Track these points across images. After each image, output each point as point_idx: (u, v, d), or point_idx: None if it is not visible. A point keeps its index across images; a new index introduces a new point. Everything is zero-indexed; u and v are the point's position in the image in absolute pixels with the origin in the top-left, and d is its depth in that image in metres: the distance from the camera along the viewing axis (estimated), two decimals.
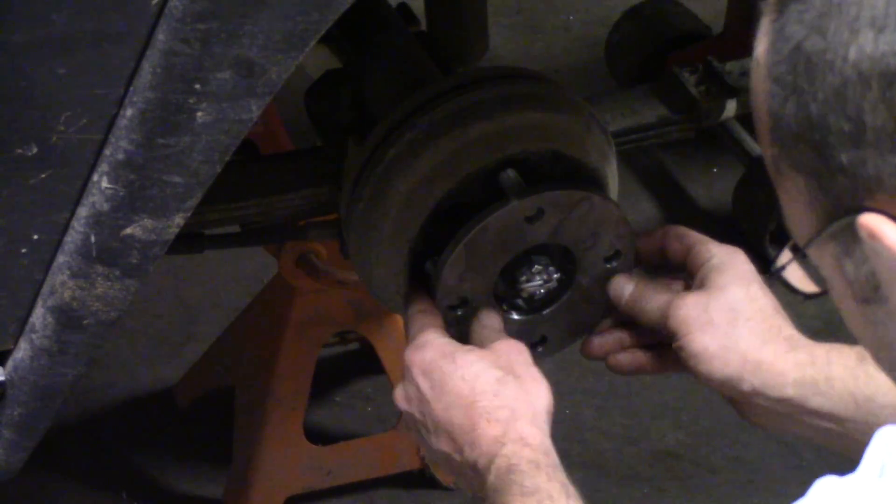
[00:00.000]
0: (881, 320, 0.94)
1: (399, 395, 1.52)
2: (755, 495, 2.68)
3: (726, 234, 1.54)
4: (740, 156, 2.97)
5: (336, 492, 2.61)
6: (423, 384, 1.48)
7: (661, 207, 3.23)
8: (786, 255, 1.00)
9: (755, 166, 2.88)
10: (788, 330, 1.52)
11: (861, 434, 1.42)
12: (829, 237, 0.93)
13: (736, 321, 1.51)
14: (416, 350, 1.51)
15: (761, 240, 2.82)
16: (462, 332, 1.64)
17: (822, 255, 0.95)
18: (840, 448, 1.48)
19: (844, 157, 0.88)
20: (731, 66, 2.62)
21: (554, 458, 1.41)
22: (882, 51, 0.85)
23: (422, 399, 1.48)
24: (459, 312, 1.62)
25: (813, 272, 0.99)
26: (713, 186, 3.26)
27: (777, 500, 2.67)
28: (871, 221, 0.88)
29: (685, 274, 1.60)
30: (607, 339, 1.65)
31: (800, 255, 0.97)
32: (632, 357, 1.64)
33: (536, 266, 1.63)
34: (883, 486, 0.93)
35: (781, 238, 2.82)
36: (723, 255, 1.56)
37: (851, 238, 0.91)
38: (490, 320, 1.59)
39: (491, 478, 1.37)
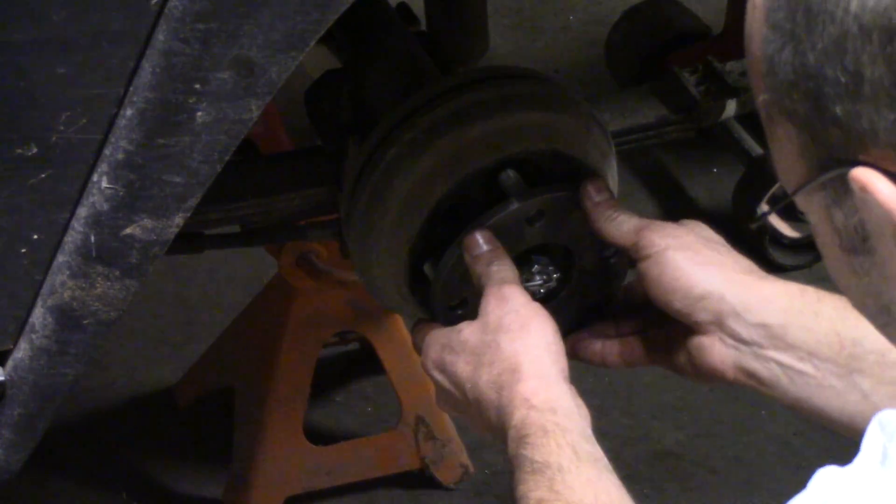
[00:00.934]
0: (867, 270, 0.93)
1: (436, 402, 1.51)
2: (755, 495, 2.69)
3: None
4: (740, 156, 2.97)
5: (336, 492, 2.62)
6: (444, 382, 1.46)
7: (661, 207, 3.23)
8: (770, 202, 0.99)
9: (755, 166, 2.88)
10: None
11: (836, 379, 1.38)
12: (819, 186, 0.92)
13: (717, 248, 1.46)
14: (423, 355, 1.50)
15: (761, 240, 2.82)
16: None
17: (811, 202, 0.94)
18: (797, 398, 1.41)
19: (839, 109, 0.87)
20: (731, 66, 2.62)
21: (562, 413, 1.35)
22: (885, 4, 0.83)
23: (449, 397, 1.47)
24: (460, 312, 1.62)
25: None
26: (713, 186, 3.26)
27: (777, 500, 2.67)
28: (863, 175, 0.87)
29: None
30: (581, 332, 1.62)
31: (785, 201, 0.96)
32: (602, 346, 1.60)
33: (536, 266, 1.63)
34: (886, 475, 0.92)
35: (781, 238, 2.83)
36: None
37: (842, 189, 0.90)
38: (501, 273, 1.51)
39: (510, 451, 1.34)
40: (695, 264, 1.44)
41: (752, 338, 1.42)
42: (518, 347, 1.41)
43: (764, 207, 0.94)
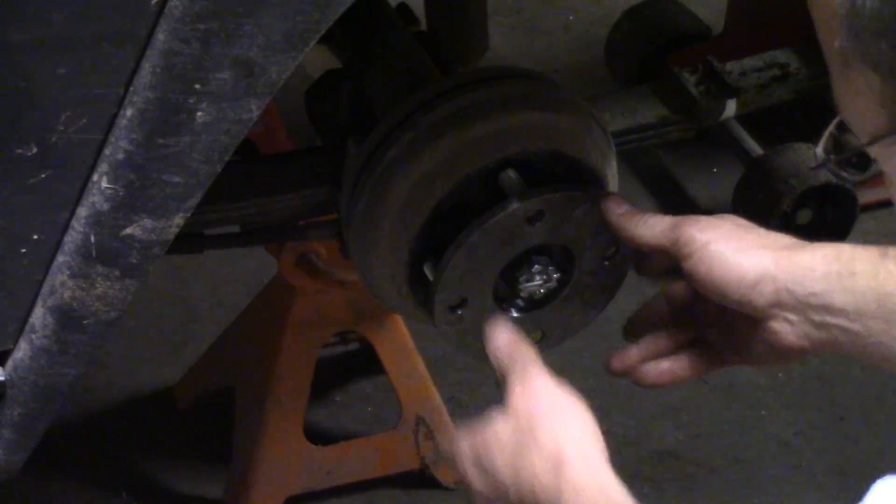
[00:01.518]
0: None
1: (474, 499, 1.42)
2: (755, 495, 2.69)
3: None
4: (740, 156, 2.97)
5: (336, 492, 2.61)
6: (485, 489, 1.39)
7: (661, 207, 3.22)
8: (826, 143, 0.95)
9: (755, 166, 2.88)
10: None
11: (882, 334, 1.36)
12: None
13: (754, 231, 1.44)
14: (459, 464, 1.41)
15: None
16: (462, 330, 1.64)
17: (889, 153, 0.90)
18: (864, 354, 1.39)
19: None
20: (731, 66, 2.63)
21: (614, 493, 1.31)
22: None
23: (490, 496, 1.39)
24: (460, 312, 1.62)
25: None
26: (713, 186, 3.26)
27: (777, 500, 2.67)
28: None
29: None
30: (628, 354, 1.57)
31: (854, 151, 0.92)
32: (669, 365, 1.55)
33: (536, 266, 1.63)
34: None
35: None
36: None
37: None
38: (522, 359, 1.44)
39: None
40: (739, 252, 1.42)
41: (808, 309, 1.41)
42: (558, 437, 1.35)
43: (820, 153, 0.89)
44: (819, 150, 0.95)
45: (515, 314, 1.67)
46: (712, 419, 2.81)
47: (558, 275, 1.65)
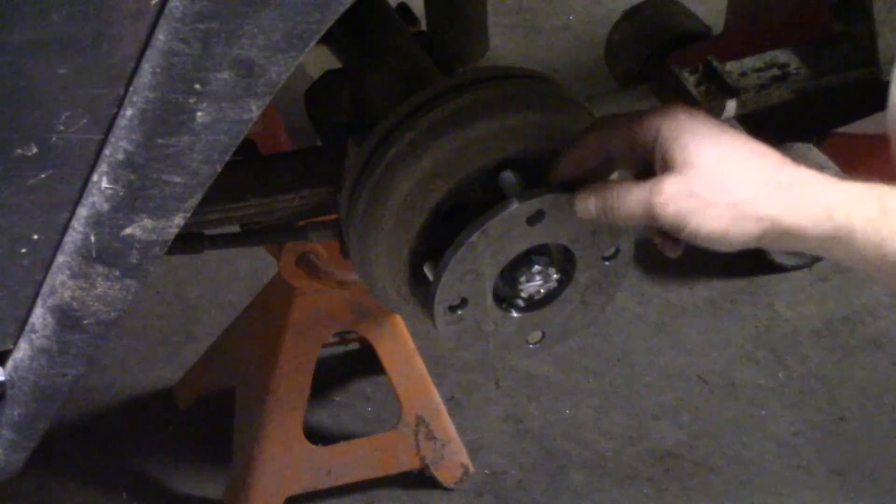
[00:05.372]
0: None
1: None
2: (755, 495, 2.69)
3: None
4: None
5: (336, 492, 2.62)
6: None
7: None
8: None
9: None
10: (785, 172, 1.39)
11: None
12: None
13: (731, 190, 1.38)
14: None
15: None
16: (462, 331, 1.64)
17: None
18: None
19: None
20: (731, 66, 2.62)
21: None
22: None
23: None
24: (460, 312, 1.62)
25: None
26: None
27: (777, 500, 2.67)
28: None
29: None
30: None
31: None
32: None
33: (536, 266, 1.63)
34: None
35: None
36: (668, 126, 1.42)
37: None
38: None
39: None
40: (728, 226, 1.39)
41: (822, 254, 1.44)
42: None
43: None
44: None
45: (515, 314, 1.67)
46: (712, 419, 2.81)
47: (558, 275, 1.65)
